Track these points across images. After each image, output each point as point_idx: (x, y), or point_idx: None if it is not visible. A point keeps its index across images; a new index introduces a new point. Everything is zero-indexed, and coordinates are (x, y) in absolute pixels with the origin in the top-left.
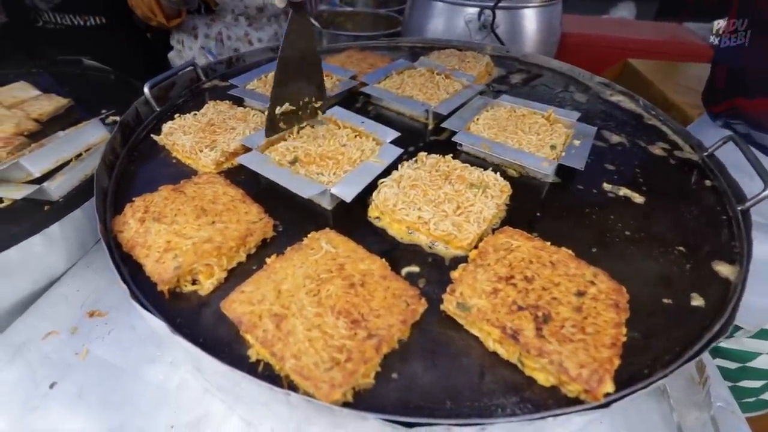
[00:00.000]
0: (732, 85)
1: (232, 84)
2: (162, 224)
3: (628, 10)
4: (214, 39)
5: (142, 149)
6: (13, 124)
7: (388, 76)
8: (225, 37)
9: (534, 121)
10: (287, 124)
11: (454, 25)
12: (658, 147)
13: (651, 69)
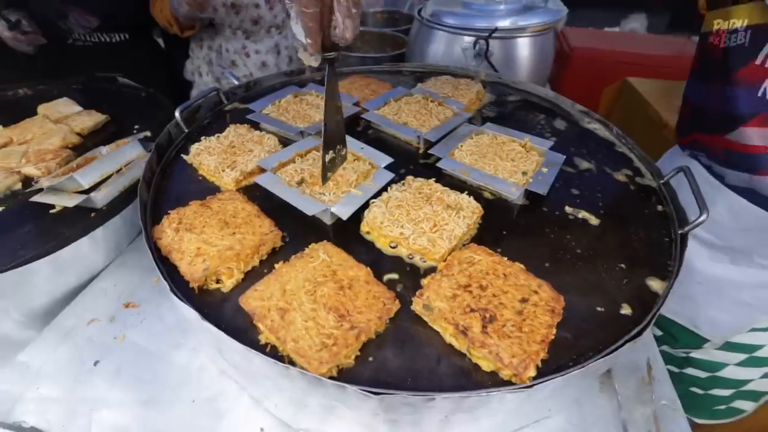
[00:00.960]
0: (695, 119)
1: (249, 108)
2: (193, 234)
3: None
4: (216, 51)
5: (173, 167)
6: (60, 138)
7: (387, 103)
8: (224, 49)
9: (512, 148)
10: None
11: (452, 51)
12: (622, 174)
13: (648, 88)
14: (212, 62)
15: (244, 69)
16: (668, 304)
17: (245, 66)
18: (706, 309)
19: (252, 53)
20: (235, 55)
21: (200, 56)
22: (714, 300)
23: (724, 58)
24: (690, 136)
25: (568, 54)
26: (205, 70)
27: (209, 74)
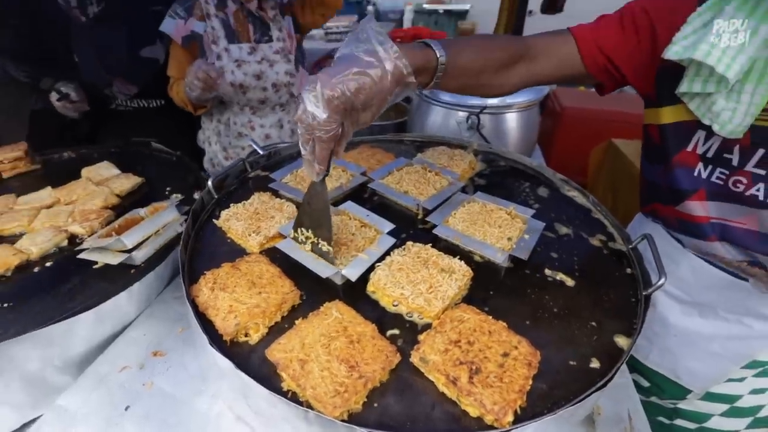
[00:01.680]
0: (650, 192)
1: (270, 177)
2: (226, 292)
3: None
4: (224, 124)
5: (205, 230)
6: (101, 199)
7: (390, 173)
8: (232, 122)
9: (499, 215)
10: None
11: (448, 123)
12: (596, 238)
13: (632, 149)
14: (221, 133)
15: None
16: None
17: (250, 138)
18: (684, 360)
19: (257, 127)
20: (242, 128)
21: (210, 128)
22: (690, 351)
23: (662, 146)
24: (649, 206)
25: (559, 113)
26: (214, 140)
27: (218, 144)
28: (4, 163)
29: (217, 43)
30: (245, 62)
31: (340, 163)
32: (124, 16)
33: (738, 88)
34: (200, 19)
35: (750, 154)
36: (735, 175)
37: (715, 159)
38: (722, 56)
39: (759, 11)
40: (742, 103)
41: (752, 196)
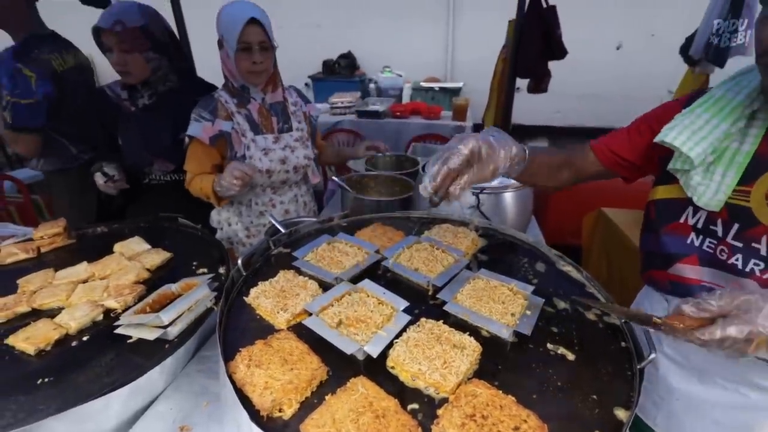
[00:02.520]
0: (647, 260)
1: (293, 255)
2: (261, 369)
3: None
4: (245, 204)
5: (236, 307)
6: (134, 274)
7: (401, 251)
8: (253, 203)
9: (502, 292)
10: None
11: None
12: (592, 313)
13: (621, 218)
14: (242, 214)
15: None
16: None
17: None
18: (689, 426)
19: (278, 204)
20: (263, 207)
21: (230, 210)
22: (694, 418)
23: (656, 219)
24: (647, 273)
25: None
26: (235, 220)
27: (239, 223)
28: (44, 238)
29: (245, 135)
30: (271, 150)
31: (356, 241)
32: (170, 106)
33: (711, 169)
34: (226, 119)
35: (729, 227)
36: (721, 244)
37: (704, 230)
38: (687, 141)
39: (722, 113)
40: (714, 181)
41: (733, 265)
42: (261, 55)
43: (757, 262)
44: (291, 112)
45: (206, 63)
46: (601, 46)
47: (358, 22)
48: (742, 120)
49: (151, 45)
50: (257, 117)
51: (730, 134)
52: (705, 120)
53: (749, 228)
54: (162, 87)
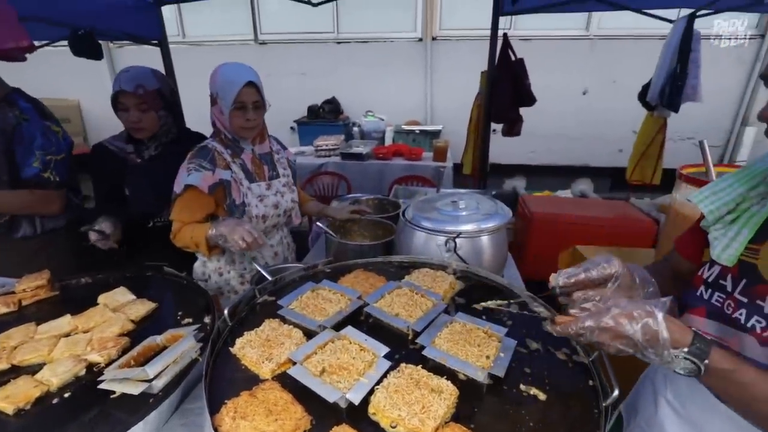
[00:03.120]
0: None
1: (278, 304)
2: (246, 421)
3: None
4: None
5: (222, 357)
6: (118, 326)
7: (382, 296)
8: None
9: (477, 335)
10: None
11: (430, 246)
12: (562, 352)
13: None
14: (235, 262)
15: (261, 261)
16: None
17: (263, 258)
18: None
19: (268, 247)
20: (256, 252)
21: (221, 260)
22: None
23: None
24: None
25: (529, 218)
26: (227, 269)
27: (231, 272)
28: (26, 291)
29: (242, 183)
30: (265, 196)
31: (340, 288)
32: (173, 155)
33: (730, 227)
34: (225, 168)
35: (737, 283)
36: (729, 299)
37: (714, 284)
38: (704, 199)
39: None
40: (728, 237)
41: (737, 319)
42: (254, 114)
43: (759, 320)
44: (276, 160)
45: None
46: (570, 91)
47: (342, 70)
48: (762, 185)
49: (163, 104)
50: (251, 166)
51: (749, 197)
52: (728, 183)
53: (755, 285)
54: (165, 138)
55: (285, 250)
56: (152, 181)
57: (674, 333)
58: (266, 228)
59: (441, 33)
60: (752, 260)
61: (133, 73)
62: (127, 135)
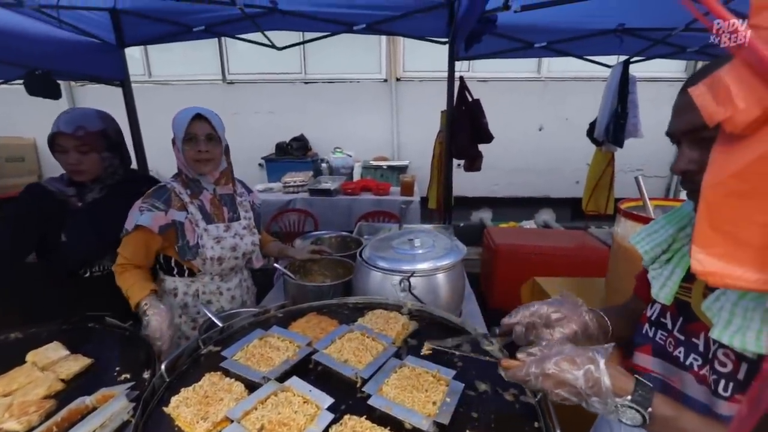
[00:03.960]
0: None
1: (222, 355)
2: None
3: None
4: (192, 295)
5: (154, 419)
6: (45, 388)
7: (333, 342)
8: (201, 292)
9: (426, 379)
10: None
11: (385, 285)
12: (510, 393)
13: (551, 285)
14: (188, 305)
15: (217, 305)
16: None
17: (218, 302)
18: None
19: (224, 291)
20: (211, 296)
21: (174, 303)
22: None
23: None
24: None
25: (494, 250)
26: (179, 313)
27: (183, 316)
28: None
29: (198, 225)
30: (223, 238)
31: (289, 335)
32: (118, 198)
33: (666, 266)
34: (180, 209)
35: (676, 320)
36: (669, 337)
37: (656, 322)
38: (641, 241)
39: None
40: (664, 276)
41: (677, 357)
42: (206, 145)
43: (696, 357)
44: (238, 202)
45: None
46: (527, 128)
47: (310, 108)
48: (689, 227)
49: (106, 145)
50: (209, 207)
51: (679, 238)
52: (660, 225)
53: (691, 323)
54: (110, 181)
55: (244, 294)
56: (94, 226)
57: (616, 380)
58: (222, 271)
59: (404, 74)
60: (686, 298)
61: (74, 114)
62: (69, 177)
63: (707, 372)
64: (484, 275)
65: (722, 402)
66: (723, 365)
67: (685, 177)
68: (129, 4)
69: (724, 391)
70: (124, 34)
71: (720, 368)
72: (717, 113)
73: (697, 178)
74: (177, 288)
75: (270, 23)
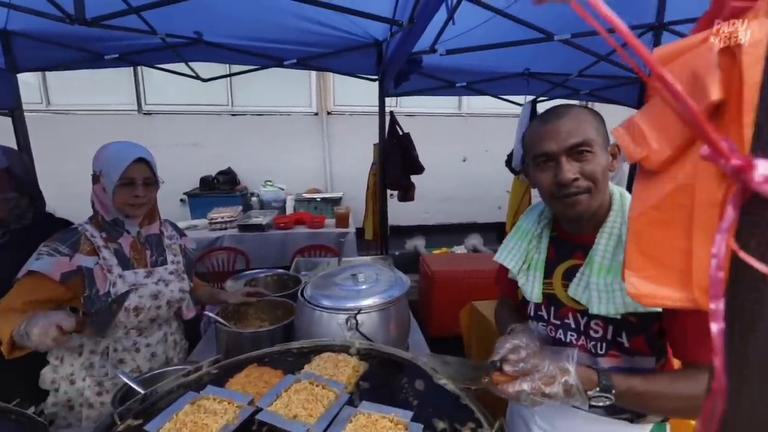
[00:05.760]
0: None
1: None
2: None
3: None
4: (100, 354)
5: None
6: None
7: (278, 396)
8: (111, 350)
9: (383, 425)
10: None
11: (331, 325)
12: (467, 427)
13: (487, 308)
14: (94, 366)
15: (132, 364)
16: None
17: (134, 361)
18: None
19: (143, 348)
20: (125, 353)
21: (76, 364)
22: None
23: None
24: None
25: (431, 277)
26: (82, 375)
27: (87, 378)
28: None
29: (111, 271)
30: (142, 285)
31: (227, 394)
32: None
33: (528, 273)
34: (89, 254)
35: (549, 311)
36: (549, 325)
37: (536, 316)
38: (506, 258)
39: (523, 237)
40: (530, 281)
41: (559, 338)
42: (144, 190)
43: (572, 333)
44: (166, 245)
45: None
46: (452, 159)
47: (238, 141)
48: (534, 239)
49: (14, 185)
50: (128, 251)
51: (530, 249)
52: (514, 242)
53: (560, 309)
54: (17, 225)
55: (169, 350)
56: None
57: (585, 380)
58: (141, 323)
59: (335, 108)
60: (551, 291)
61: None
62: None
63: (584, 341)
64: (422, 303)
65: (601, 359)
66: (596, 332)
67: (570, 184)
68: (23, 26)
69: (600, 350)
70: (15, 58)
71: (594, 335)
72: (635, 152)
73: (578, 183)
74: (83, 345)
75: (194, 54)
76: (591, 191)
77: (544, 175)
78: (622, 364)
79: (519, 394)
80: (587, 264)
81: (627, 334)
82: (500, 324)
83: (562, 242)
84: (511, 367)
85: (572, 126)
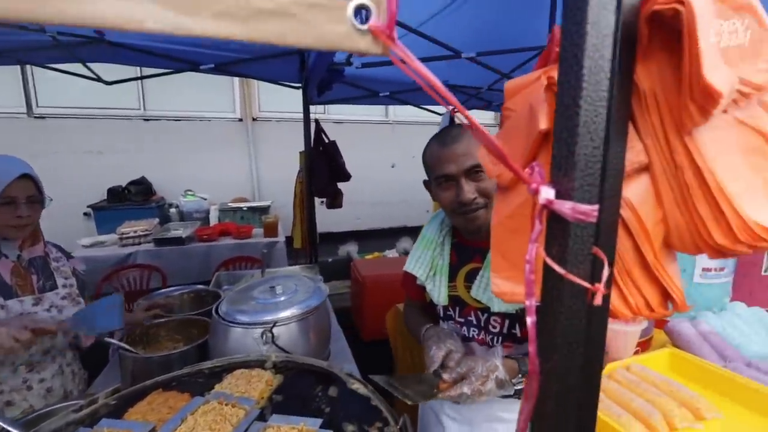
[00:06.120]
0: None
1: None
2: None
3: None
4: None
5: None
6: None
7: (183, 420)
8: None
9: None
10: None
11: (246, 341)
12: (375, 427)
13: None
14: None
15: (23, 404)
16: None
17: (25, 401)
18: None
19: (35, 384)
20: (12, 393)
21: None
22: None
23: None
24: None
25: (362, 282)
26: None
27: None
28: None
29: None
30: (31, 314)
31: (125, 426)
32: None
33: (434, 278)
34: None
35: (455, 311)
36: (456, 323)
37: (445, 316)
38: (414, 266)
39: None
40: (437, 286)
41: (465, 335)
42: (28, 209)
43: (474, 329)
44: (54, 268)
45: None
46: (381, 165)
47: (152, 148)
48: (438, 246)
49: None
50: (9, 278)
51: (435, 256)
52: (421, 251)
53: (464, 308)
54: None
55: (67, 383)
56: None
57: (510, 370)
58: (32, 357)
59: (261, 114)
60: (456, 294)
61: None
62: None
63: (484, 336)
64: (354, 308)
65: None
66: (494, 327)
67: (470, 203)
68: None
69: (496, 343)
70: None
71: (492, 330)
72: (493, 171)
73: (476, 201)
74: None
75: (95, 55)
76: (487, 206)
77: (446, 194)
78: (513, 353)
79: (460, 397)
80: (486, 267)
81: (520, 326)
82: (411, 326)
83: (462, 248)
84: (449, 375)
85: (466, 149)
